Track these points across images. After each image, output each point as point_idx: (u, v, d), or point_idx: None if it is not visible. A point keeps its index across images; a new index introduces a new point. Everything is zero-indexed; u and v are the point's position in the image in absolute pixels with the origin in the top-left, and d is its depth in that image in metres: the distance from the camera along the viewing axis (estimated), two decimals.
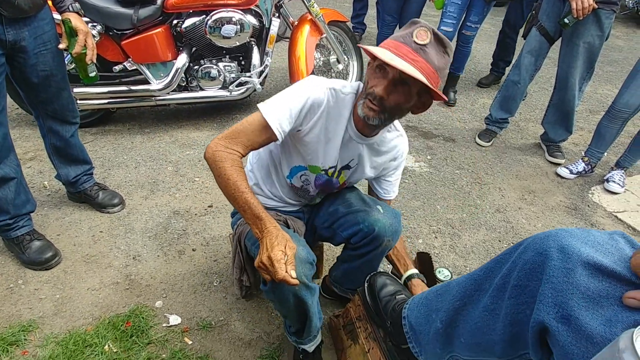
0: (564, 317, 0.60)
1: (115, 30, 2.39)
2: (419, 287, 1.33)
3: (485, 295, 0.77)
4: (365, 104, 1.06)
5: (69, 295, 1.61)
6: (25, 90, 1.64)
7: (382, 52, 0.98)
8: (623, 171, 2.57)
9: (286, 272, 0.95)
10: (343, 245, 1.41)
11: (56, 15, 1.57)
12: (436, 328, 0.89)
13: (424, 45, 0.97)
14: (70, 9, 1.53)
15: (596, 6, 2.19)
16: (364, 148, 1.23)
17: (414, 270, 1.38)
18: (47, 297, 1.60)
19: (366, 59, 1.27)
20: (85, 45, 1.55)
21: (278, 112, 1.07)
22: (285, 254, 0.98)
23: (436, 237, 2.07)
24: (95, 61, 1.62)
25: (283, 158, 1.25)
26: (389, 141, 1.26)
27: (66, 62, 1.73)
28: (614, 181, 2.52)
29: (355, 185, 1.43)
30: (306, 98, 1.09)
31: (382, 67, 1.02)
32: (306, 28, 2.80)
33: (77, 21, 1.52)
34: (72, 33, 1.52)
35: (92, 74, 1.67)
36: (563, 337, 0.59)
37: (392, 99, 1.03)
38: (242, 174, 1.06)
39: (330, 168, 1.24)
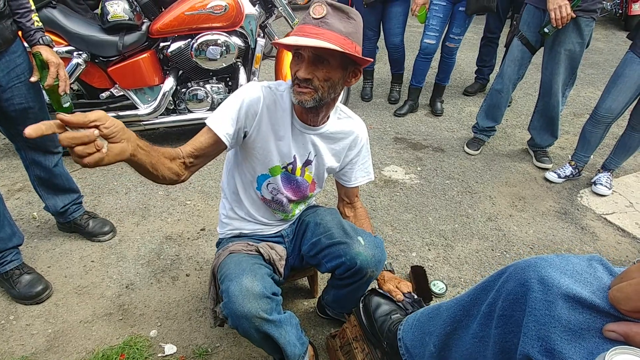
0: (548, 351, 0.61)
1: (101, 58, 2.40)
2: (390, 281, 1.36)
3: (474, 321, 0.78)
4: (295, 90, 1.08)
5: (62, 329, 1.59)
6: (3, 124, 1.63)
7: (288, 39, 1.02)
8: (609, 173, 2.61)
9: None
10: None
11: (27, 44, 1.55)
12: (430, 352, 0.90)
13: (323, 17, 1.01)
14: (41, 41, 1.52)
15: (574, 15, 2.25)
16: (316, 138, 1.25)
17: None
18: (39, 332, 1.57)
19: None
20: (57, 77, 1.54)
21: (218, 116, 1.13)
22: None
23: (429, 250, 2.08)
24: (68, 92, 1.61)
25: (247, 171, 1.27)
26: (341, 127, 1.28)
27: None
28: (601, 184, 2.56)
29: (333, 210, 1.44)
30: (242, 99, 1.14)
31: (297, 53, 1.06)
32: None
33: (47, 53, 1.50)
34: (44, 65, 1.51)
35: (66, 105, 1.65)
36: None
37: (318, 76, 1.05)
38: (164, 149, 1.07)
39: (289, 164, 1.26)
